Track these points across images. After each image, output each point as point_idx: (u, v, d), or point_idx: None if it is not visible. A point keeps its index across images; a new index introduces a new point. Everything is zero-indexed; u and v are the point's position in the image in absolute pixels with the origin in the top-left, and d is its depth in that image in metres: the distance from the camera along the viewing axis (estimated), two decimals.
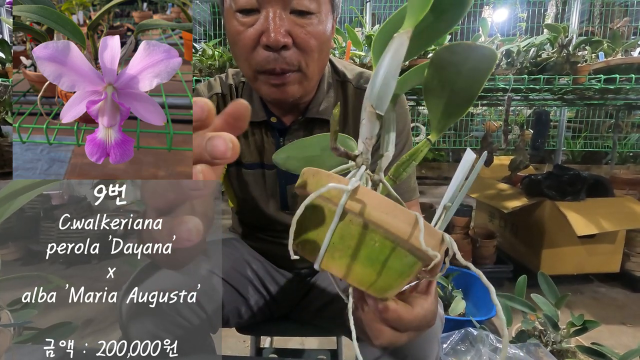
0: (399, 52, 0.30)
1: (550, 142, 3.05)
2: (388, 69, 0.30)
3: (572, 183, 1.87)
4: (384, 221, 0.29)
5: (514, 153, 2.07)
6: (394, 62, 0.30)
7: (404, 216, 0.30)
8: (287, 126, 0.73)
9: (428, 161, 4.68)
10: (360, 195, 0.30)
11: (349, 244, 0.30)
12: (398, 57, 0.30)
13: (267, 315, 0.86)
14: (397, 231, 0.30)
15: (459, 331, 1.10)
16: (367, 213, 0.29)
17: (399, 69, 0.31)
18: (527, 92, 1.78)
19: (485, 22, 1.79)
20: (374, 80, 0.31)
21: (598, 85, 1.57)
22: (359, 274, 0.31)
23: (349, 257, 0.31)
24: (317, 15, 0.60)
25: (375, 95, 0.31)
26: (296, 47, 0.60)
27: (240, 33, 0.59)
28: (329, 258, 0.31)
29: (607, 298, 1.89)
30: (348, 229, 0.30)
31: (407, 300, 0.38)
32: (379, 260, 0.31)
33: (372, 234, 0.30)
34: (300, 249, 0.34)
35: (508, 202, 1.96)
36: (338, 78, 0.76)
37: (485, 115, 3.44)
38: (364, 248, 0.30)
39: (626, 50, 1.67)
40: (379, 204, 0.30)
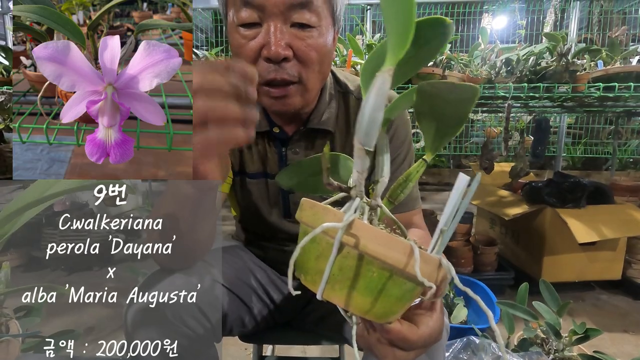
0: (383, 89, 0.31)
1: (551, 149, 3.05)
2: (373, 107, 0.31)
3: (573, 190, 1.87)
4: (380, 253, 0.31)
5: (515, 160, 2.06)
6: (379, 98, 0.31)
7: (400, 246, 0.31)
8: (289, 136, 0.74)
9: (429, 167, 4.66)
10: (356, 229, 0.31)
11: (348, 275, 0.32)
12: (382, 93, 0.31)
13: (269, 323, 0.85)
14: (394, 262, 0.31)
15: (461, 339, 1.09)
16: (362, 246, 0.31)
17: (384, 104, 0.32)
18: (526, 100, 1.78)
19: (485, 30, 1.80)
20: (361, 119, 0.32)
21: (597, 94, 1.57)
22: (360, 303, 0.32)
23: (349, 287, 0.32)
24: (317, 28, 0.61)
25: (363, 132, 0.32)
26: (297, 59, 0.61)
27: (243, 46, 0.60)
28: (330, 289, 0.33)
29: (609, 306, 1.87)
30: (346, 261, 0.31)
31: (412, 318, 0.38)
32: (377, 289, 0.32)
33: (369, 266, 0.31)
34: (302, 279, 0.35)
35: (509, 209, 1.95)
36: (340, 89, 0.77)
37: (486, 122, 3.45)
38: (362, 279, 0.32)
39: (624, 58, 1.67)
40: (374, 237, 0.31)
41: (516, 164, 2.05)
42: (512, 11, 2.47)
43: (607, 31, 2.62)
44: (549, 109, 2.32)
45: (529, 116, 2.94)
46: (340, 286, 0.32)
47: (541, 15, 2.67)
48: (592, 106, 2.07)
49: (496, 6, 2.48)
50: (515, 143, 2.15)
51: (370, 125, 0.31)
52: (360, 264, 0.31)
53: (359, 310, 0.33)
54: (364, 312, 0.33)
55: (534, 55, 1.66)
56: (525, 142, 2.30)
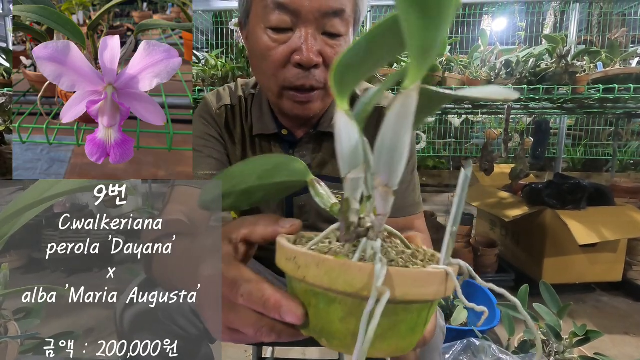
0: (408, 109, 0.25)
1: (551, 150, 3.05)
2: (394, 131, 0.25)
3: (573, 192, 1.87)
4: (420, 294, 0.27)
5: (515, 161, 2.06)
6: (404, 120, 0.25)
7: (436, 280, 0.28)
8: (297, 139, 0.74)
9: (429, 169, 4.67)
10: (388, 279, 0.26)
11: (386, 327, 0.28)
12: (407, 114, 0.25)
13: None
14: (433, 296, 0.28)
15: (461, 341, 1.09)
16: (401, 296, 0.26)
17: (410, 127, 0.25)
18: (526, 101, 1.79)
19: (485, 32, 1.80)
20: (380, 148, 0.26)
21: (597, 95, 1.57)
22: (401, 345, 0.30)
23: (390, 337, 0.29)
24: (345, 37, 0.62)
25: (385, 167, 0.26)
26: (325, 66, 0.62)
27: (272, 49, 0.60)
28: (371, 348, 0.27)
29: (610, 307, 1.87)
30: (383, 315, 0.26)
31: None
32: (415, 324, 0.30)
33: (408, 309, 0.28)
34: (324, 343, 0.30)
35: (509, 210, 1.95)
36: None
37: (486, 123, 3.45)
38: (402, 324, 0.29)
39: (624, 60, 1.67)
40: (409, 280, 0.27)
41: (516, 166, 2.05)
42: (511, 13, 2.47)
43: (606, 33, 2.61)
44: (549, 111, 2.32)
45: (529, 118, 2.94)
46: (380, 340, 0.28)
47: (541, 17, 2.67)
48: (592, 108, 2.07)
49: (496, 8, 2.49)
50: (515, 145, 2.15)
51: (393, 157, 0.26)
52: (397, 311, 0.28)
53: (400, 351, 0.30)
54: (402, 350, 0.30)
55: (534, 57, 1.66)
56: (525, 144, 2.30)
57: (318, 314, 0.29)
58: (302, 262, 0.29)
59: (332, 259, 0.28)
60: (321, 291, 0.28)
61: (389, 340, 0.29)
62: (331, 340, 0.30)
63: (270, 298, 0.30)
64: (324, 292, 0.28)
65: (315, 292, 0.29)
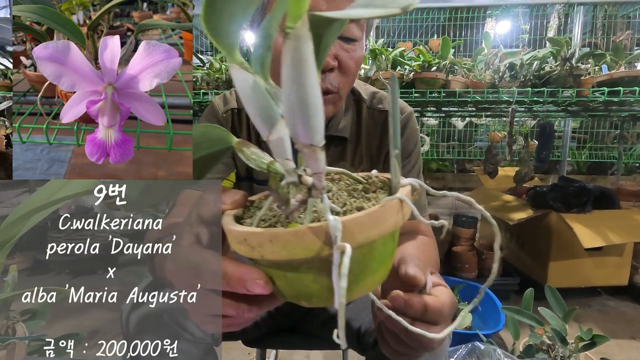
0: (301, 52, 0.22)
1: (555, 153, 3.03)
2: (297, 83, 0.23)
3: (578, 195, 1.85)
4: (378, 232, 0.27)
5: (519, 164, 2.05)
6: (302, 67, 0.22)
7: (391, 213, 0.28)
8: None
9: (432, 172, 4.66)
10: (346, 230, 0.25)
11: (357, 271, 0.28)
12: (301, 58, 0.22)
13: (272, 327, 0.84)
14: (393, 228, 0.28)
15: (466, 345, 1.08)
16: (362, 239, 0.26)
17: (314, 71, 0.23)
18: (530, 104, 1.78)
19: (488, 35, 1.80)
20: (289, 112, 0.24)
21: (602, 98, 1.56)
22: (375, 278, 0.30)
23: (364, 276, 0.29)
24: (359, 42, 0.63)
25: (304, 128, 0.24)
26: (339, 70, 0.63)
27: None
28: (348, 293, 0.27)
29: (616, 312, 1.85)
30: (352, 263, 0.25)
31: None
32: (385, 256, 0.30)
33: (374, 248, 0.28)
34: (304, 304, 0.30)
35: (513, 213, 1.93)
36: (354, 97, 0.78)
37: (489, 126, 3.44)
38: (373, 261, 0.29)
39: (629, 63, 1.66)
40: (364, 224, 0.26)
41: (520, 169, 2.04)
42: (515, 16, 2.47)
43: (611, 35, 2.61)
44: (553, 114, 2.31)
45: (533, 120, 2.93)
46: (354, 284, 0.28)
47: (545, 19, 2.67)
48: (596, 110, 2.06)
49: (499, 11, 2.49)
50: (520, 147, 2.14)
51: (306, 111, 0.24)
52: (363, 253, 0.27)
53: (377, 283, 0.31)
54: (379, 282, 0.31)
55: (538, 60, 1.66)
56: (529, 147, 2.29)
57: (289, 283, 0.29)
58: (255, 242, 0.27)
59: (284, 231, 0.26)
60: (284, 263, 0.27)
61: (363, 280, 0.29)
62: (310, 300, 0.29)
63: (232, 275, 0.29)
64: (287, 262, 0.27)
65: (279, 265, 0.28)
